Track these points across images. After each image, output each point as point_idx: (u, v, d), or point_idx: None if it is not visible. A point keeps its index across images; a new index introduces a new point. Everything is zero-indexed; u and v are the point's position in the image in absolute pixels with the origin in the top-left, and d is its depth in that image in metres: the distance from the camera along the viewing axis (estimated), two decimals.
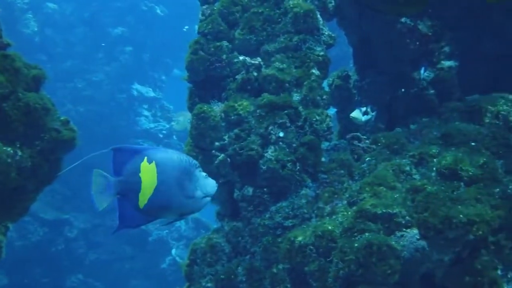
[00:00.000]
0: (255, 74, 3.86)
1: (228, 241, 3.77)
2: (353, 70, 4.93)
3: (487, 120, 3.70)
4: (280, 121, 3.67)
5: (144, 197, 2.10)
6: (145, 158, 2.12)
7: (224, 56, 3.97)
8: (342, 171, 3.62)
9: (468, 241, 2.98)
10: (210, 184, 2.25)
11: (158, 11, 13.55)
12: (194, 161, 2.22)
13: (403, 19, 4.21)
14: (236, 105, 3.75)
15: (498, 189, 3.14)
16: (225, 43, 4.01)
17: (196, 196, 2.20)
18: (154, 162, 2.12)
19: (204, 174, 2.24)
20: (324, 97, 3.92)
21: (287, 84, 3.82)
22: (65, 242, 10.12)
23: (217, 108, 3.86)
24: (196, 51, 4.00)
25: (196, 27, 4.18)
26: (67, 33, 12.19)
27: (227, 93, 3.94)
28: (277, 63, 3.88)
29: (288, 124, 3.70)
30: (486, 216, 2.97)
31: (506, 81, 4.13)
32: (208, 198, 2.25)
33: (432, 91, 4.26)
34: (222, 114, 3.80)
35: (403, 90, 4.34)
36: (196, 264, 3.80)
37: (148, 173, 2.10)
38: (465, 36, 4.00)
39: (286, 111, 3.71)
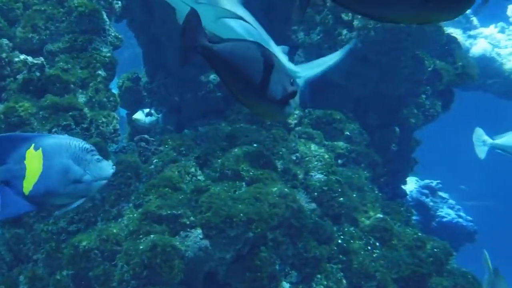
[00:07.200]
0: (38, 74, 3.71)
1: (9, 249, 3.58)
2: (144, 72, 4.94)
3: (269, 122, 3.90)
4: (65, 123, 3.56)
5: (29, 184, 2.10)
6: (32, 145, 2.12)
7: (4, 55, 3.75)
8: (129, 173, 3.59)
9: (248, 238, 3.12)
10: (102, 168, 2.25)
11: None
12: (86, 145, 2.22)
13: None
14: (17, 106, 3.57)
15: (275, 188, 3.32)
16: (5, 41, 3.79)
17: (85, 181, 2.20)
18: (40, 148, 2.12)
19: (96, 157, 2.24)
20: (111, 98, 3.87)
21: (72, 85, 3.71)
22: None
23: None
24: None
25: None
26: None
27: (7, 93, 3.73)
28: (61, 63, 3.76)
29: (73, 126, 3.60)
30: (265, 214, 3.12)
31: None
32: (102, 182, 2.26)
33: (219, 94, 4.39)
34: (2, 116, 3.59)
35: (190, 92, 4.43)
36: None
37: (33, 160, 2.11)
38: None
39: (70, 113, 3.61)
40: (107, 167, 2.29)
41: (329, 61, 4.12)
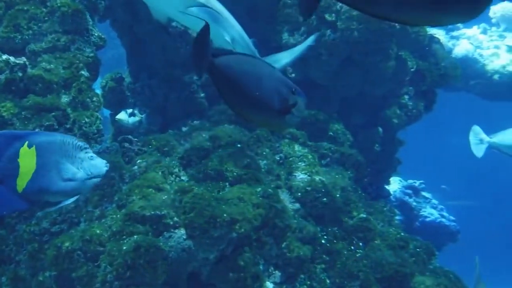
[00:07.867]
0: (20, 74, 3.68)
1: None
2: (127, 72, 4.92)
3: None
4: (47, 123, 3.54)
5: (22, 182, 2.11)
6: (26, 143, 2.12)
7: None
8: (112, 174, 3.58)
9: (232, 238, 3.12)
10: (96, 165, 2.26)
11: None
12: (80, 143, 2.23)
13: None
14: None
15: (260, 189, 3.32)
16: None
17: (79, 178, 2.20)
18: (34, 146, 2.12)
19: (90, 155, 2.24)
20: (94, 99, 3.85)
21: (54, 85, 3.69)
22: None
23: None
24: None
25: None
26: None
27: None
28: (44, 63, 3.73)
29: (56, 127, 3.58)
30: (248, 214, 3.13)
31: None
32: (96, 179, 2.27)
33: (202, 95, 4.40)
34: None
35: (174, 93, 4.42)
36: None
37: (27, 158, 2.12)
38: None
39: (53, 113, 3.59)
40: (101, 165, 2.30)
41: (289, 56, 4.13)
